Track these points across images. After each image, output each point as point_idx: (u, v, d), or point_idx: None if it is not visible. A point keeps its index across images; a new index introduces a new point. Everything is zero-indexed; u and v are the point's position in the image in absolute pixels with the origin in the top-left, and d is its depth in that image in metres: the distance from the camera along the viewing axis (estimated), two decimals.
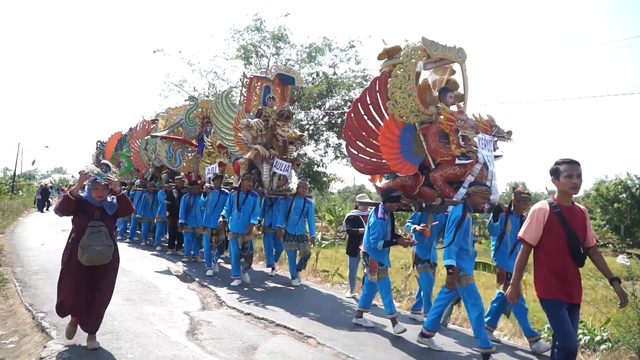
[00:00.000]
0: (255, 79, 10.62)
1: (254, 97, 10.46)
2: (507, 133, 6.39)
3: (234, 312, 6.98)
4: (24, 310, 6.53)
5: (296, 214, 9.23)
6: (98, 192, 4.83)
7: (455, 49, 6.75)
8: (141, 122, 17.20)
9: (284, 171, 9.36)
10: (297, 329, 6.16)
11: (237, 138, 10.04)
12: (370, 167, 7.02)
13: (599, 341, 6.00)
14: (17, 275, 8.66)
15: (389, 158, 6.46)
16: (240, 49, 23.07)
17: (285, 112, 9.36)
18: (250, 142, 9.55)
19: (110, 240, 4.84)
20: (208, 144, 12.01)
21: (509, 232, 6.00)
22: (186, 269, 10.17)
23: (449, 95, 6.75)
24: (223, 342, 5.56)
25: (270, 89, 10.60)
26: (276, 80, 10.62)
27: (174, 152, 12.92)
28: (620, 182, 28.05)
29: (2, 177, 38.10)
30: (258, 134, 9.39)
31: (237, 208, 8.78)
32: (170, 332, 5.77)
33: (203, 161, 12.01)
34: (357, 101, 6.77)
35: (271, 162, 9.31)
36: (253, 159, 9.47)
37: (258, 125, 9.30)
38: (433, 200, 6.37)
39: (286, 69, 11.07)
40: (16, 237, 14.64)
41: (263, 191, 9.30)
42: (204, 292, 8.22)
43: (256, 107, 10.30)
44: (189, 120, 12.63)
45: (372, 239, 6.16)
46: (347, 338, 5.94)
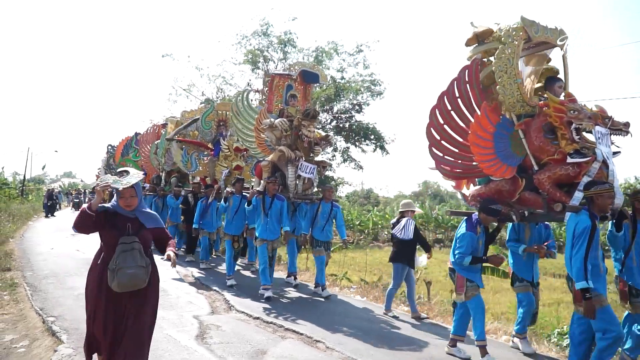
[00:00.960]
0: (277, 77, 10.17)
1: (276, 96, 10.04)
2: (623, 125, 5.29)
3: (243, 316, 6.99)
4: (35, 314, 6.57)
5: (323, 219, 8.83)
6: (125, 200, 3.96)
7: (557, 30, 5.75)
8: (151, 126, 17.40)
9: (309, 174, 8.89)
10: (306, 333, 6.16)
11: (258, 139, 9.68)
12: (458, 171, 5.97)
13: None
14: (27, 280, 8.71)
15: (482, 159, 5.52)
16: (248, 53, 23.16)
17: (311, 112, 8.90)
18: (274, 143, 9.16)
19: (145, 259, 3.97)
20: (224, 147, 11.69)
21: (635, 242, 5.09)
22: (202, 275, 10.16)
23: (557, 85, 5.77)
24: (232, 346, 5.57)
25: (292, 87, 10.17)
26: (298, 78, 10.15)
27: (189, 156, 12.63)
28: (629, 186, 27.82)
29: (12, 181, 38.34)
30: (282, 134, 8.99)
31: (264, 213, 8.32)
32: (180, 337, 5.79)
33: (219, 164, 11.73)
34: (443, 94, 5.71)
35: (296, 164, 8.85)
36: (277, 161, 9.06)
37: (283, 125, 8.90)
38: (537, 207, 5.55)
39: (310, 66, 10.55)
40: (26, 242, 14.73)
41: (288, 195, 8.83)
42: (213, 296, 8.23)
43: (278, 107, 9.91)
44: (205, 123, 12.46)
45: (458, 253, 5.52)
46: (357, 342, 5.94)
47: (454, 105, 5.71)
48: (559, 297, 12.93)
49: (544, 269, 19.09)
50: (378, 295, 8.95)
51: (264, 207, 8.33)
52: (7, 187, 31.52)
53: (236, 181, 9.77)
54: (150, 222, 4.08)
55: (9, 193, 30.35)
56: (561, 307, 10.99)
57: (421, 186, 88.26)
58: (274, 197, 8.36)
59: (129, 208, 3.97)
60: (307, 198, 9.08)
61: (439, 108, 5.72)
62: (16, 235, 16.18)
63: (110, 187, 3.86)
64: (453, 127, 5.76)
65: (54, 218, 26.14)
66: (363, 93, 22.95)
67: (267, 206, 8.31)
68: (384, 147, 25.37)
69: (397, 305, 8.32)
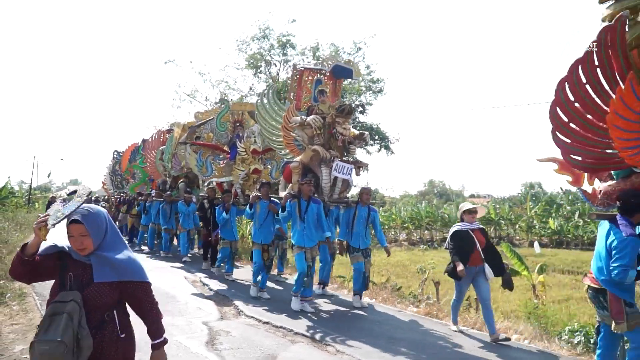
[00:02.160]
0: (305, 72, 9.43)
1: (304, 93, 9.33)
2: None
3: (252, 321, 6.99)
4: None
5: (360, 225, 8.05)
6: (75, 240, 2.81)
7: None
8: (156, 132, 17.32)
9: (345, 175, 8.17)
10: (316, 337, 6.15)
11: (286, 139, 8.97)
12: (590, 161, 4.72)
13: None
14: (36, 289, 8.73)
15: (624, 146, 4.33)
16: (249, 58, 23.22)
17: (347, 108, 8.23)
18: (305, 142, 8.49)
19: (80, 330, 2.61)
20: (241, 149, 10.87)
21: None
22: (211, 281, 10.16)
23: None
24: (242, 351, 5.57)
25: (321, 82, 9.42)
26: (328, 72, 9.37)
27: (205, 160, 11.79)
28: None
29: (18, 190, 38.50)
30: (315, 133, 8.31)
31: (300, 218, 7.63)
32: (190, 343, 5.79)
33: (236, 168, 10.96)
34: (576, 63, 4.41)
35: (331, 165, 8.18)
36: (309, 161, 8.45)
37: (316, 122, 8.22)
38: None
39: (345, 61, 9.61)
40: None
41: (323, 199, 8.16)
42: (222, 302, 8.23)
43: (306, 104, 9.24)
44: (220, 124, 11.88)
45: (617, 266, 4.21)
46: (367, 345, 5.92)
47: (590, 77, 4.46)
48: (569, 293, 12.90)
49: (553, 265, 19.05)
50: (387, 296, 8.92)
51: (299, 212, 7.65)
52: (13, 196, 31.61)
53: (262, 185, 9.11)
54: (108, 273, 2.74)
55: (16, 202, 30.45)
56: (571, 304, 10.96)
57: (427, 185, 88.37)
58: (309, 200, 7.71)
59: (82, 252, 2.80)
60: (342, 202, 8.47)
61: (570, 81, 4.49)
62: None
63: (49, 223, 2.83)
64: (586, 104, 4.54)
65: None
66: (365, 93, 22.97)
67: (303, 210, 7.65)
68: (388, 147, 25.38)
69: (393, 303, 8.30)
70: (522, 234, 30.54)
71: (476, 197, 73.78)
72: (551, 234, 28.50)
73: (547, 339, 6.34)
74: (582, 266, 19.14)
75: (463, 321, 7.23)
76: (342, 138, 8.23)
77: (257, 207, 8.65)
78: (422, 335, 6.50)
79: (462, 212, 6.67)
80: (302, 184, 7.82)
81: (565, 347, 6.05)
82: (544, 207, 34.54)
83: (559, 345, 6.12)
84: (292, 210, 7.74)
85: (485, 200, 55.18)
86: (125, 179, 21.73)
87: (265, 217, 8.64)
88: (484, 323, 7.03)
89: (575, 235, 27.90)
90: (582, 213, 31.61)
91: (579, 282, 15.84)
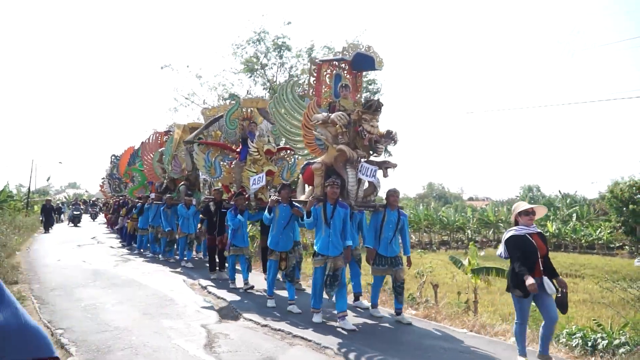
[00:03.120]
0: (324, 65, 8.56)
1: (324, 88, 8.51)
2: None
3: (251, 324, 7.00)
4: (43, 327, 6.59)
5: (389, 231, 7.39)
6: None
7: None
8: (153, 134, 17.15)
9: (370, 177, 7.57)
10: (314, 340, 6.16)
11: (307, 138, 8.13)
12: None
13: (618, 344, 5.95)
14: (34, 292, 8.74)
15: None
16: (245, 62, 23.21)
17: (375, 103, 7.49)
18: (329, 141, 7.74)
19: None
20: (253, 149, 9.94)
21: None
22: (209, 284, 10.16)
23: None
24: (241, 354, 5.58)
25: (340, 77, 8.60)
26: (347, 66, 8.63)
27: (213, 161, 10.79)
28: (634, 184, 27.77)
29: (17, 194, 38.43)
30: (341, 131, 7.58)
31: (326, 223, 6.96)
32: (189, 346, 5.80)
33: (247, 170, 10.06)
34: None
35: (357, 166, 7.54)
36: (333, 162, 7.76)
37: (342, 119, 7.45)
38: None
39: (365, 48, 8.48)
40: (32, 254, 14.77)
41: (350, 202, 7.46)
42: (221, 305, 8.24)
43: (327, 100, 8.46)
44: (230, 122, 10.98)
45: None
46: (366, 348, 5.92)
47: None
48: None
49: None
50: (385, 299, 8.93)
51: (325, 217, 6.97)
52: (12, 199, 31.54)
53: (282, 187, 8.32)
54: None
55: (14, 205, 30.38)
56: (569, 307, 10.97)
57: (426, 188, 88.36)
58: (335, 204, 7.05)
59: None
60: (369, 206, 7.86)
61: None
62: (22, 247, 16.22)
63: None
64: None
65: (51, 233, 24.02)
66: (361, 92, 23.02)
67: (329, 215, 6.98)
68: (386, 149, 25.40)
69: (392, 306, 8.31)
70: None
71: (475, 199, 73.88)
72: (549, 237, 28.58)
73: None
74: (580, 269, 19.19)
75: (462, 324, 7.25)
76: (370, 137, 7.47)
77: (277, 211, 8.00)
78: (420, 339, 6.50)
79: (516, 214, 5.67)
80: (329, 186, 7.12)
81: (563, 349, 6.07)
82: None
83: (556, 348, 6.13)
84: (317, 215, 7.11)
85: (484, 203, 55.26)
86: (123, 183, 21.69)
87: (287, 223, 8.01)
88: (482, 326, 7.06)
89: (573, 239, 27.97)
90: (580, 216, 31.71)
91: (577, 284, 15.89)
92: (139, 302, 8.10)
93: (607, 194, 31.47)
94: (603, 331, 6.28)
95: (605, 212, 32.85)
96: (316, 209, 7.12)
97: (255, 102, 11.49)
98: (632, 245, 27.13)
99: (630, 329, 6.58)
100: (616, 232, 28.01)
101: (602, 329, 6.43)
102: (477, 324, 7.18)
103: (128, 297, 8.47)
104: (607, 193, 31.74)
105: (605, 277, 16.03)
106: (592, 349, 5.89)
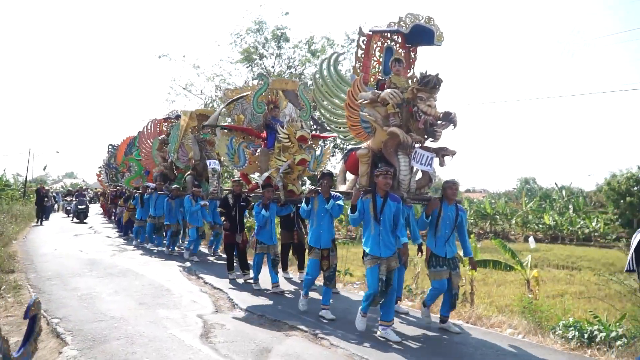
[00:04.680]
0: (375, 36, 7.27)
1: (373, 62, 7.34)
2: None
3: (247, 315, 6.99)
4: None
5: (447, 227, 6.43)
6: None
7: None
8: (151, 121, 16.69)
9: (425, 166, 6.48)
10: (311, 331, 6.16)
11: (351, 120, 7.06)
12: None
13: (615, 337, 5.94)
14: (31, 282, 8.73)
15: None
16: (244, 52, 23.12)
17: (433, 79, 6.33)
18: (379, 123, 6.60)
19: None
20: (283, 135, 8.81)
21: None
22: (206, 274, 10.14)
23: None
24: (237, 345, 5.56)
25: (392, 51, 7.41)
26: (400, 38, 7.44)
27: (237, 148, 9.48)
28: (632, 176, 27.77)
29: (14, 183, 38.34)
30: (393, 111, 6.54)
31: (376, 219, 5.97)
32: (184, 336, 5.79)
33: (276, 158, 8.99)
34: None
35: (411, 152, 6.52)
36: (382, 148, 6.71)
37: (395, 97, 6.35)
38: None
39: (425, 19, 7.09)
40: (29, 243, 14.75)
41: (402, 195, 6.42)
42: (217, 295, 8.23)
43: (375, 77, 7.33)
44: (257, 104, 9.68)
45: None
46: (362, 339, 5.92)
47: None
48: (563, 288, 12.94)
49: (547, 260, 19.12)
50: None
51: (374, 212, 5.98)
52: (9, 188, 31.50)
53: (322, 176, 7.34)
54: None
55: (11, 195, 30.34)
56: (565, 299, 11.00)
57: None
58: (386, 196, 5.99)
59: None
60: (423, 199, 6.89)
61: None
62: (19, 236, 16.20)
63: None
64: None
65: (47, 224, 22.56)
66: None
67: (379, 210, 5.96)
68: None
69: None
70: (517, 229, 30.65)
71: (472, 192, 73.89)
72: (546, 229, 28.62)
73: (541, 334, 6.36)
74: (577, 261, 19.20)
75: (457, 315, 7.24)
76: (425, 118, 6.35)
77: (315, 202, 7.15)
78: (416, 330, 6.50)
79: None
80: (380, 175, 5.99)
81: (559, 341, 6.06)
82: (538, 202, 34.74)
83: (553, 339, 6.13)
84: (365, 210, 6.09)
85: (481, 195, 55.28)
86: (120, 172, 21.61)
87: (327, 216, 7.17)
88: (478, 317, 7.06)
89: (570, 231, 28.02)
90: (577, 208, 31.75)
91: (574, 277, 15.91)
92: (135, 292, 8.08)
93: (604, 186, 31.51)
94: (600, 324, 6.28)
95: (602, 204, 32.90)
96: (363, 202, 6.10)
97: (284, 84, 10.46)
98: (629, 238, 27.19)
99: (628, 322, 6.57)
100: (613, 225, 28.05)
101: (599, 322, 6.42)
102: (473, 316, 7.18)
103: (124, 286, 8.45)
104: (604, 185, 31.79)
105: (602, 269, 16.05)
106: (589, 341, 5.88)
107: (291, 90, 10.06)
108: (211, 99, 23.60)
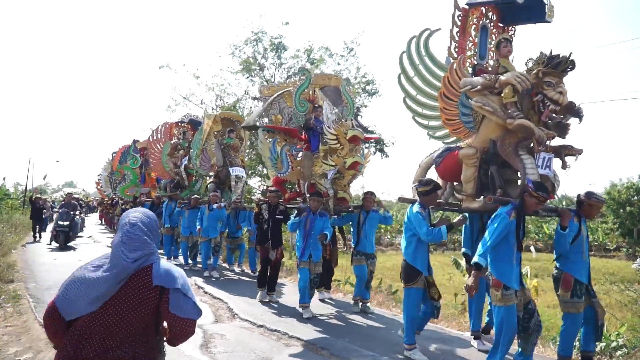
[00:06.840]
0: (473, 11, 6.07)
1: (469, 43, 6.13)
2: None
3: (247, 325, 6.98)
4: (38, 326, 6.55)
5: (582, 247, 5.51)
6: None
7: None
8: (162, 124, 15.88)
9: (544, 169, 5.34)
10: (310, 341, 6.15)
11: (446, 113, 5.90)
12: None
13: (615, 347, 5.94)
14: (30, 291, 8.70)
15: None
16: (243, 63, 23.21)
17: (564, 59, 5.10)
18: (500, 115, 5.39)
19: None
20: (331, 137, 7.87)
21: None
22: (206, 284, 10.12)
23: None
24: (237, 355, 5.56)
25: (487, 30, 6.27)
26: (495, 15, 6.32)
27: (279, 152, 8.63)
28: (632, 185, 27.79)
29: (14, 192, 38.37)
30: (511, 100, 5.35)
31: (518, 246, 4.81)
32: (184, 346, 5.75)
33: (323, 162, 8.07)
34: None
35: (540, 150, 5.31)
36: (499, 146, 5.51)
37: (524, 81, 5.22)
38: None
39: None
40: (28, 253, 14.71)
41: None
42: (217, 305, 8.21)
43: (471, 61, 6.19)
44: (300, 103, 8.76)
45: None
46: (362, 350, 5.91)
47: None
48: None
49: (548, 270, 19.05)
50: (382, 300, 8.92)
51: (517, 235, 4.76)
52: (9, 198, 31.53)
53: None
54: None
55: (11, 204, 30.36)
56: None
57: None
58: (522, 214, 4.81)
59: None
60: (549, 209, 5.80)
61: None
62: (18, 246, 16.16)
63: None
64: None
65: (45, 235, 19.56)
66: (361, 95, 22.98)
67: (521, 234, 4.83)
68: (383, 150, 25.32)
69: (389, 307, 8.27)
70: None
71: None
72: (547, 238, 28.59)
73: (541, 344, 6.35)
74: None
75: (458, 325, 7.23)
76: (553, 109, 5.20)
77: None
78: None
79: None
80: (532, 196, 4.66)
81: None
82: None
83: (553, 350, 6.12)
84: (508, 234, 4.69)
85: None
86: (117, 180, 21.54)
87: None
88: None
89: None
90: None
91: None
92: None
93: (604, 196, 31.51)
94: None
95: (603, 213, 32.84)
96: (509, 223, 4.65)
97: (327, 79, 9.43)
98: (630, 247, 27.17)
99: (628, 332, 6.55)
100: (612, 234, 28.03)
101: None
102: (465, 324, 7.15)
103: None
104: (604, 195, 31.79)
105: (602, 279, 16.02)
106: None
107: (334, 86, 9.27)
108: (211, 108, 23.61)
